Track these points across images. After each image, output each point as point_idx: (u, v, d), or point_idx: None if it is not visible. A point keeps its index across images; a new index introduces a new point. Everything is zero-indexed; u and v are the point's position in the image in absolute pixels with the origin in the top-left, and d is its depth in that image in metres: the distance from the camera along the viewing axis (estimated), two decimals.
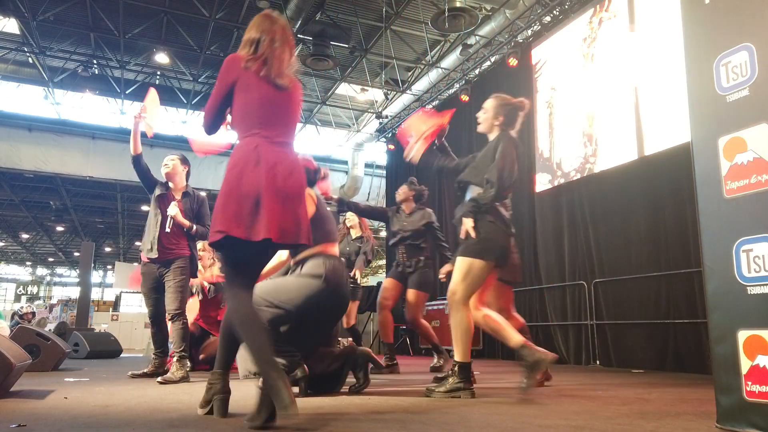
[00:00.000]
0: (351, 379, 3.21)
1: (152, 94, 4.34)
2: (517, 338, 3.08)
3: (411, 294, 4.89)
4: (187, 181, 4.54)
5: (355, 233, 5.74)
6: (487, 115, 3.30)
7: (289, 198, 2.19)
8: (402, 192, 5.18)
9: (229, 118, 2.38)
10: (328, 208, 3.37)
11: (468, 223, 3.00)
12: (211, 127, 2.36)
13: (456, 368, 3.01)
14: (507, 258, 3.14)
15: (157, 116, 4.35)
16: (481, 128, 3.34)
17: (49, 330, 9.31)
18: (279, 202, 2.15)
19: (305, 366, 2.93)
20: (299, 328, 2.97)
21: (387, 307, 5.07)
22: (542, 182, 7.79)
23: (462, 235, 3.02)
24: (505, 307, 3.66)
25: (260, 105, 2.25)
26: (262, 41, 2.30)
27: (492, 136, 3.29)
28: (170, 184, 4.47)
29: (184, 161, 4.52)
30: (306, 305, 2.91)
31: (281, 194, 2.16)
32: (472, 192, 3.17)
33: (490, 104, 3.31)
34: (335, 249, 3.16)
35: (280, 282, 3.01)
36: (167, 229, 4.28)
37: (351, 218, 5.75)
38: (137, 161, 4.41)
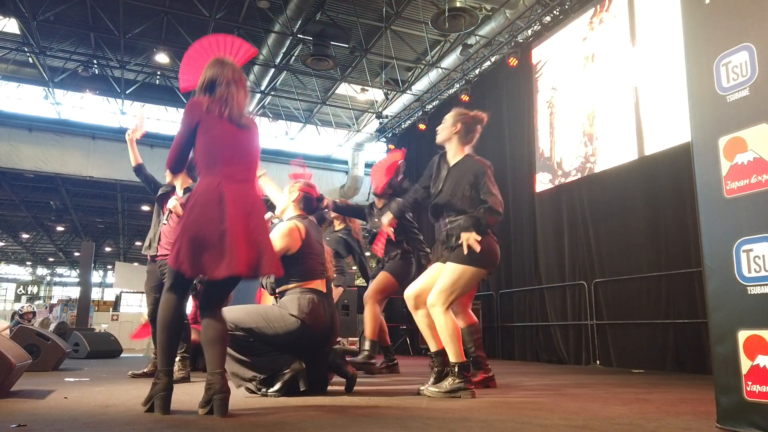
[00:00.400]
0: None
1: (140, 117, 4.64)
2: (437, 346, 3.21)
3: (379, 275, 4.63)
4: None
5: (338, 225, 5.40)
6: (445, 125, 3.37)
7: (252, 233, 2.29)
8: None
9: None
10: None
11: (471, 237, 3.01)
12: (175, 166, 2.46)
13: (455, 369, 3.02)
14: (495, 264, 3.23)
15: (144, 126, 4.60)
16: (439, 138, 3.39)
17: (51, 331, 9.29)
18: (243, 238, 2.24)
19: (301, 361, 2.95)
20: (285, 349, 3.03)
21: (371, 297, 4.67)
22: (543, 181, 7.79)
23: (465, 251, 3.03)
24: (465, 301, 3.71)
25: (224, 143, 2.35)
26: (218, 84, 2.42)
27: (450, 148, 3.36)
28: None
29: None
30: (286, 338, 2.99)
31: (245, 230, 2.26)
32: (448, 217, 3.24)
33: (449, 115, 3.39)
34: (318, 283, 3.15)
35: (263, 311, 3.04)
36: (164, 221, 4.29)
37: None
38: (139, 171, 4.59)
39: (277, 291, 3.15)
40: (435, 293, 3.08)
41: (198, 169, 2.38)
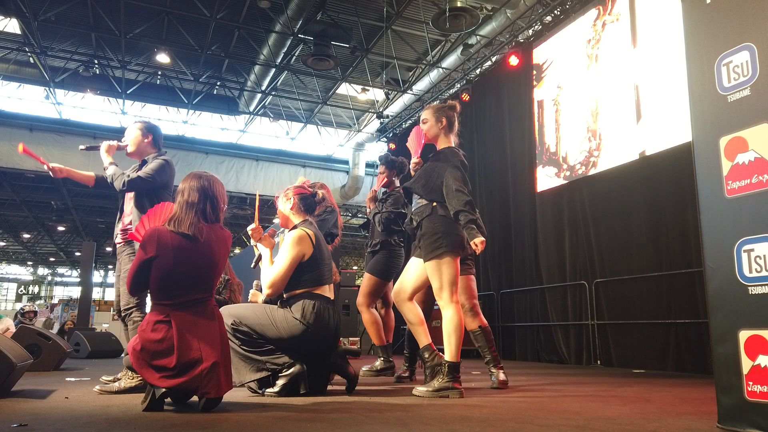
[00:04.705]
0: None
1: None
2: (425, 340, 3.23)
3: (363, 279, 4.59)
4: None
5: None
6: (429, 123, 3.39)
7: (209, 354, 2.42)
8: (380, 173, 4.68)
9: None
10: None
11: (479, 240, 2.99)
12: (134, 291, 2.60)
13: (445, 368, 3.02)
14: (464, 246, 3.24)
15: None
16: (429, 137, 3.41)
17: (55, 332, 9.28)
18: (187, 368, 2.38)
19: (302, 364, 2.96)
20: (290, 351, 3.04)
21: (363, 303, 4.55)
22: (549, 175, 7.79)
23: (478, 252, 3.05)
24: (471, 305, 3.72)
25: (175, 281, 2.46)
26: (181, 204, 2.57)
27: (440, 145, 3.39)
28: None
29: (145, 132, 3.71)
30: (288, 340, 3.00)
31: (194, 355, 2.40)
32: (416, 199, 3.30)
33: (428, 113, 3.41)
34: (325, 289, 3.15)
35: (269, 311, 3.05)
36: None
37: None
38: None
39: (285, 295, 3.15)
40: (437, 295, 3.14)
41: (151, 294, 2.52)
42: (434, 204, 3.19)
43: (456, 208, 3.08)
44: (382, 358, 4.54)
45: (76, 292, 29.96)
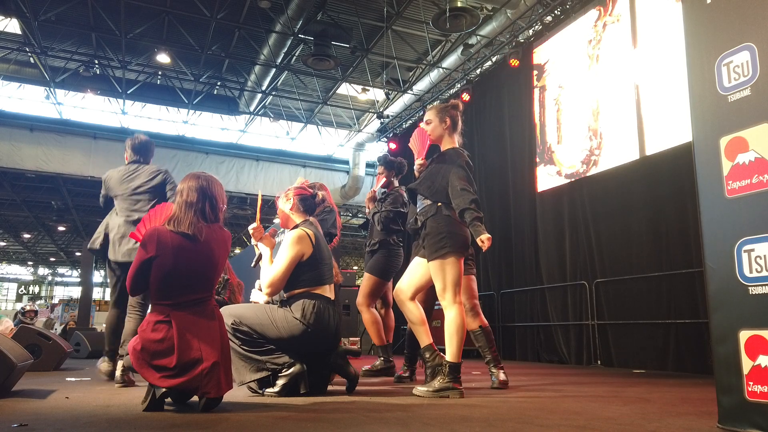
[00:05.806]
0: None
1: None
2: (427, 340, 3.24)
3: (363, 279, 4.61)
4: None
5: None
6: (433, 124, 3.37)
7: (210, 353, 2.42)
8: (379, 173, 4.73)
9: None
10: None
11: (485, 236, 3.00)
12: (134, 291, 2.61)
13: (446, 368, 3.02)
14: (468, 247, 3.25)
15: None
16: (433, 138, 3.39)
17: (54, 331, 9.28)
18: (188, 368, 2.38)
19: (302, 364, 2.97)
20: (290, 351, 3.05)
21: (362, 303, 4.58)
22: (550, 174, 7.79)
23: (484, 249, 3.05)
24: (472, 305, 3.73)
25: (178, 276, 2.47)
26: (180, 204, 2.58)
27: (444, 146, 3.38)
28: None
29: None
30: (290, 342, 3.01)
31: (194, 355, 2.40)
32: (421, 200, 3.29)
33: (431, 114, 3.39)
34: (325, 289, 3.15)
35: (269, 311, 3.05)
36: None
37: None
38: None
39: (285, 295, 3.16)
40: (441, 296, 3.13)
41: (151, 294, 2.54)
42: (439, 204, 3.19)
43: (461, 207, 3.07)
44: (382, 358, 4.54)
45: (76, 292, 30.00)
